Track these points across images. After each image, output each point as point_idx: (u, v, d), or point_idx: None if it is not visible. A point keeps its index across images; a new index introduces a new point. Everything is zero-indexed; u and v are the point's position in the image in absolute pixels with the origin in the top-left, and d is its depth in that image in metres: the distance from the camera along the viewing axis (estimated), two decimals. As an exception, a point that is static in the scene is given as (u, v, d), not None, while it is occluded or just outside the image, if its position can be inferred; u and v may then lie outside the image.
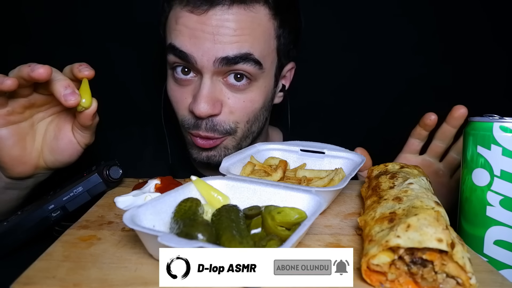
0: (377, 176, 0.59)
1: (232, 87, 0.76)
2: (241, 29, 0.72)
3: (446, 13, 1.15)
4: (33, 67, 0.54)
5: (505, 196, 0.51)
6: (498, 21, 1.15)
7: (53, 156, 0.65)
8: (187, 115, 0.79)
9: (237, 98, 0.77)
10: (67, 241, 0.46)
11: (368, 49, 1.17)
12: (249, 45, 0.73)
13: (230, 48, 0.72)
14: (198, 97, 0.73)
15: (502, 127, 0.51)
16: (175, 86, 0.80)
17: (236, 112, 0.78)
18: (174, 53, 0.75)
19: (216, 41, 0.71)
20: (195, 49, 0.72)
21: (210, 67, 0.73)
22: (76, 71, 0.59)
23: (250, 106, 0.79)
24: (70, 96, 0.56)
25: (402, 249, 0.37)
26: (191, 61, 0.73)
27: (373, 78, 1.18)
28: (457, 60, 1.16)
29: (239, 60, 0.72)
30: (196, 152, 0.83)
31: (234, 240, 0.38)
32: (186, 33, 0.73)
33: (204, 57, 0.72)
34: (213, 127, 0.77)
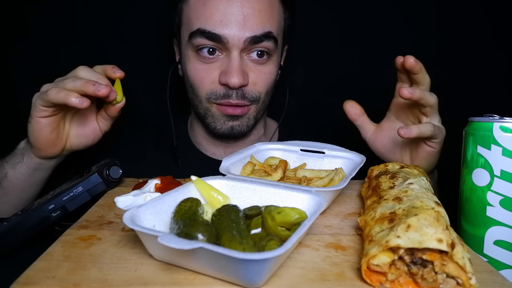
0: (377, 176, 0.59)
1: (255, 61, 0.87)
2: (264, 9, 0.83)
3: (445, 13, 1.15)
4: (98, 87, 0.65)
5: (505, 196, 0.51)
6: (498, 21, 1.15)
7: (78, 140, 0.76)
8: (216, 87, 0.86)
9: (259, 71, 0.87)
10: (67, 241, 0.46)
11: (367, 48, 1.17)
12: (269, 24, 0.84)
13: (256, 28, 0.82)
14: (230, 71, 0.82)
15: (502, 127, 0.51)
16: (199, 65, 0.86)
17: (259, 83, 0.88)
18: (205, 36, 0.82)
19: (246, 22, 0.81)
20: (227, 30, 0.81)
21: (240, 45, 0.82)
22: (111, 72, 0.72)
23: (269, 77, 0.90)
24: (112, 94, 0.68)
25: (402, 250, 0.37)
26: (223, 41, 0.81)
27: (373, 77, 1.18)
28: (457, 60, 1.16)
29: (263, 38, 0.83)
30: (221, 123, 0.90)
31: (234, 240, 0.38)
32: (217, 16, 0.81)
33: (235, 37, 0.81)
34: (242, 95, 0.86)
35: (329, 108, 1.18)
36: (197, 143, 1.01)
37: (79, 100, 0.63)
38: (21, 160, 0.75)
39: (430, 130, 0.67)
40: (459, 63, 1.15)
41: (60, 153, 0.75)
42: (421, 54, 1.16)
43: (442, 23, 1.15)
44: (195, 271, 0.39)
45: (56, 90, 0.64)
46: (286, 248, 0.35)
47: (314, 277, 0.39)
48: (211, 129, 0.92)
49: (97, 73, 0.69)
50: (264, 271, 0.36)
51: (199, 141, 1.00)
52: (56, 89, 0.64)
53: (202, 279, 0.38)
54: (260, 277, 0.36)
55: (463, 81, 1.16)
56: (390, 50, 1.16)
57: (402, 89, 0.67)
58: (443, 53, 1.16)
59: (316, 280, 0.39)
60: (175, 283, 0.38)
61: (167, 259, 0.41)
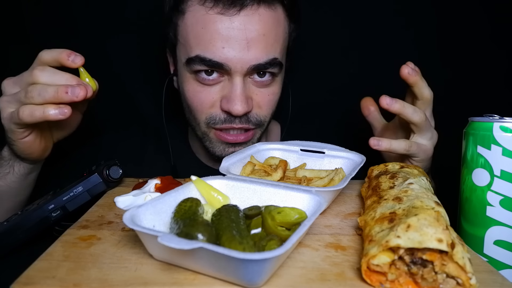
0: (377, 176, 0.59)
1: (258, 83, 0.81)
2: (268, 32, 0.76)
3: (445, 13, 1.15)
4: (74, 91, 0.59)
5: (505, 196, 0.51)
6: (498, 21, 1.15)
7: (62, 132, 0.73)
8: (216, 112, 0.80)
9: (262, 93, 0.82)
10: (67, 241, 0.46)
11: (367, 49, 1.17)
12: (274, 49, 0.78)
13: (261, 56, 0.76)
14: (233, 98, 0.76)
15: (502, 127, 0.51)
16: (198, 87, 0.80)
17: (263, 106, 0.83)
18: (205, 63, 0.75)
19: (250, 48, 0.74)
20: (229, 57, 0.74)
21: (243, 71, 0.76)
22: (70, 63, 0.62)
23: (273, 98, 0.84)
24: (89, 90, 0.61)
25: (402, 249, 0.37)
26: (225, 69, 0.75)
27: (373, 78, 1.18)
28: (457, 60, 1.16)
29: (268, 66, 0.77)
30: (221, 149, 0.85)
31: (234, 240, 0.38)
32: (218, 42, 0.73)
33: (238, 64, 0.75)
34: (247, 120, 0.81)
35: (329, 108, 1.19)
36: (197, 152, 0.99)
37: (59, 111, 0.58)
38: (10, 171, 0.71)
39: (403, 148, 0.66)
40: (459, 63, 1.15)
41: (50, 150, 0.73)
42: (421, 54, 1.16)
43: (442, 23, 1.15)
44: (195, 271, 0.39)
45: (29, 111, 0.58)
46: (286, 248, 0.35)
47: (314, 277, 0.39)
48: (209, 153, 0.87)
49: (60, 73, 0.61)
50: (264, 271, 0.36)
51: (196, 150, 0.98)
52: (27, 108, 0.58)
53: (202, 279, 0.38)
54: (260, 277, 0.36)
55: (463, 81, 1.16)
56: (390, 50, 1.16)
57: (382, 97, 0.66)
58: (443, 53, 1.16)
59: (316, 280, 0.39)
60: (175, 283, 0.38)
61: (167, 259, 0.41)
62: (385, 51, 1.17)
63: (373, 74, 1.18)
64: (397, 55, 1.16)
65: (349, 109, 1.20)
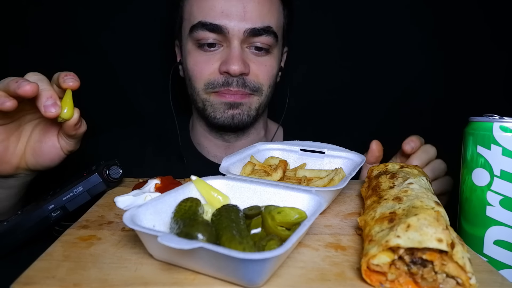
0: (377, 176, 0.59)
1: (255, 54, 0.88)
2: (263, 3, 0.85)
3: (445, 14, 1.15)
4: (20, 84, 0.54)
5: (505, 196, 0.51)
6: (497, 21, 1.15)
7: (34, 159, 0.66)
8: (215, 76, 0.87)
9: (260, 62, 0.89)
10: (67, 241, 0.46)
11: (368, 49, 1.17)
12: (268, 19, 0.86)
13: (256, 21, 0.84)
14: (231, 58, 0.84)
15: (502, 127, 0.51)
16: (200, 56, 0.87)
17: (260, 74, 0.89)
18: (206, 28, 0.84)
19: (246, 14, 0.83)
20: (227, 21, 0.83)
21: (240, 35, 0.84)
22: (61, 81, 0.60)
23: (271, 70, 0.91)
24: (50, 108, 0.57)
25: (402, 249, 0.37)
26: (223, 31, 0.83)
27: (373, 78, 1.18)
28: (457, 60, 1.16)
29: (263, 32, 0.85)
30: (221, 112, 0.89)
31: (234, 240, 0.38)
32: (218, 8, 0.83)
33: (236, 27, 0.83)
34: (243, 84, 0.87)
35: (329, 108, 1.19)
36: (198, 145, 1.01)
37: (9, 103, 0.54)
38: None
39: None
40: (459, 63, 1.16)
41: (14, 172, 0.66)
42: (422, 54, 1.16)
43: (442, 23, 1.15)
44: (195, 271, 0.39)
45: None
46: (286, 248, 0.35)
47: (314, 277, 0.39)
48: (211, 120, 0.91)
49: (43, 81, 0.59)
50: (264, 271, 0.36)
51: (201, 142, 1.00)
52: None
53: (202, 279, 0.38)
54: (260, 277, 0.36)
55: (463, 81, 1.16)
56: (390, 51, 1.17)
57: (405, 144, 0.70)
58: (443, 53, 1.16)
59: (316, 280, 0.39)
60: (175, 283, 0.38)
61: (167, 259, 0.41)
62: (385, 53, 1.17)
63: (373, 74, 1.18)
64: (397, 55, 1.16)
65: (349, 109, 1.20)
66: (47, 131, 0.66)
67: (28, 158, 0.66)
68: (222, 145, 0.98)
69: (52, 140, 0.66)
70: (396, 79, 1.18)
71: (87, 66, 1.11)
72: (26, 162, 0.66)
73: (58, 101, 0.58)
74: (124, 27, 1.11)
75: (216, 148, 0.99)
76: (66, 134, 0.64)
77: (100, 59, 1.11)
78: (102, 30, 1.10)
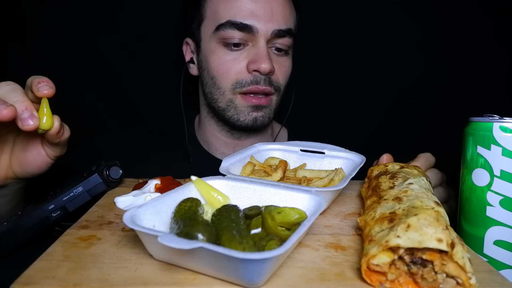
0: (377, 176, 0.59)
1: (276, 54, 0.91)
2: (286, 7, 0.89)
3: (446, 13, 1.15)
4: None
5: (505, 196, 0.51)
6: (498, 20, 1.15)
7: (21, 168, 0.65)
8: (243, 75, 0.88)
9: (280, 63, 0.91)
10: (67, 241, 0.46)
11: (368, 49, 1.17)
12: (290, 22, 0.90)
13: (282, 23, 0.87)
14: (261, 57, 0.86)
15: (502, 127, 0.51)
16: (226, 55, 0.88)
17: (280, 74, 0.91)
18: (235, 26, 0.85)
19: (273, 16, 0.86)
20: (257, 21, 0.85)
21: (267, 35, 0.86)
22: (35, 89, 0.56)
23: (288, 71, 0.94)
24: (27, 121, 0.54)
25: (402, 249, 0.37)
26: (253, 31, 0.85)
27: (373, 79, 1.18)
28: (457, 60, 1.16)
29: (286, 34, 0.89)
30: (245, 114, 0.91)
31: (234, 240, 0.38)
32: (247, 8, 0.85)
33: (264, 28, 0.86)
34: (270, 82, 0.89)
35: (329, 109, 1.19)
36: (206, 143, 1.01)
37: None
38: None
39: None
40: (459, 63, 1.16)
41: (3, 182, 0.65)
42: (422, 54, 1.16)
43: (442, 23, 1.15)
44: (195, 271, 0.39)
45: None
46: (286, 248, 0.35)
47: (314, 277, 0.39)
48: (233, 122, 0.92)
49: (16, 92, 0.56)
50: (264, 271, 0.36)
51: (209, 140, 1.00)
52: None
53: (202, 279, 0.38)
54: (260, 277, 0.36)
55: (463, 81, 1.16)
56: (390, 51, 1.17)
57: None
58: (443, 53, 1.16)
59: (316, 280, 0.39)
60: (175, 283, 0.38)
61: (167, 259, 0.41)
62: (385, 53, 1.17)
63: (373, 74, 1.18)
64: (397, 55, 1.16)
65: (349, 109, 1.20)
66: (30, 139, 0.64)
67: (15, 168, 0.65)
68: (231, 143, 0.99)
69: (36, 148, 0.65)
70: (396, 79, 1.18)
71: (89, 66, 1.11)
72: (13, 172, 0.65)
73: (34, 112, 0.55)
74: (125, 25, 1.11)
75: (225, 146, 0.99)
76: (50, 142, 0.62)
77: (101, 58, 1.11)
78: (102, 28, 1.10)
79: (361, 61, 1.17)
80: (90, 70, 1.11)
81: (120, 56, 1.12)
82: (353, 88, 1.18)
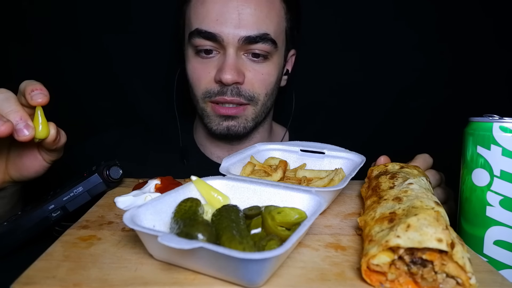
0: (377, 176, 0.59)
1: (252, 61, 0.86)
2: (260, 10, 0.83)
3: (446, 13, 1.15)
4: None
5: (505, 196, 0.51)
6: (498, 20, 1.15)
7: (18, 173, 0.65)
8: (211, 85, 0.86)
9: (256, 71, 0.86)
10: (67, 241, 0.46)
11: (368, 49, 1.17)
12: (266, 26, 0.84)
13: (251, 29, 0.82)
14: (224, 67, 0.82)
15: (502, 127, 0.51)
16: (197, 64, 0.87)
17: (256, 83, 0.87)
18: (201, 35, 0.83)
19: (241, 22, 0.81)
20: (222, 29, 0.81)
21: (235, 43, 0.82)
22: (28, 98, 0.55)
23: (268, 78, 0.88)
24: (23, 131, 0.53)
25: (402, 249, 0.37)
26: (218, 40, 0.82)
27: (374, 79, 1.18)
28: (457, 60, 1.16)
29: (259, 39, 0.83)
30: (216, 124, 0.88)
31: (234, 240, 0.38)
32: (212, 15, 0.82)
33: (230, 35, 0.82)
34: (238, 92, 0.85)
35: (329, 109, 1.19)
36: (201, 146, 1.00)
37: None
38: None
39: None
40: (460, 63, 1.15)
41: (1, 186, 0.65)
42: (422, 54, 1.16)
43: (442, 23, 1.15)
44: (195, 271, 0.39)
45: None
46: (286, 248, 0.35)
47: (314, 277, 0.39)
48: (208, 130, 0.91)
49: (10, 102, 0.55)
50: (264, 271, 0.36)
51: (204, 144, 1.00)
52: None
53: (202, 279, 0.38)
54: (260, 277, 0.36)
55: (463, 81, 1.16)
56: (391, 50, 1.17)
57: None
58: (443, 53, 1.16)
59: (316, 280, 0.39)
60: (175, 283, 0.38)
61: (167, 259, 0.41)
62: (386, 52, 1.17)
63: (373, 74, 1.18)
64: (397, 57, 1.16)
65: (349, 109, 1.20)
66: (25, 145, 0.63)
67: (11, 173, 0.64)
68: (225, 147, 0.98)
69: (32, 153, 0.64)
70: (396, 80, 1.18)
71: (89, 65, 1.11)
72: (10, 176, 0.65)
73: (29, 122, 0.54)
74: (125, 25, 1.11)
75: (219, 150, 0.98)
76: (47, 148, 0.62)
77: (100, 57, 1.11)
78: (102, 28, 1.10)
79: (361, 61, 1.17)
80: (91, 71, 1.11)
81: (120, 56, 1.12)
82: (353, 88, 1.18)
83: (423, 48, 1.16)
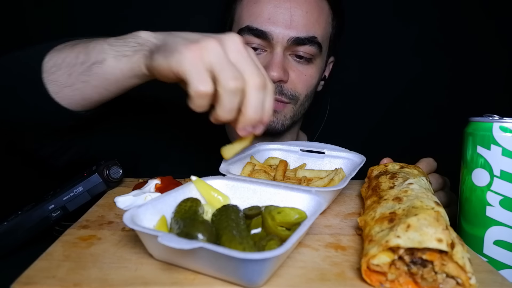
0: (377, 176, 0.59)
1: (296, 61, 0.89)
2: (311, 12, 0.86)
3: (446, 12, 1.15)
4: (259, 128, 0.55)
5: (505, 196, 0.51)
6: (498, 20, 1.15)
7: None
8: None
9: (300, 72, 0.89)
10: (67, 241, 0.46)
11: (368, 50, 1.17)
12: (315, 29, 0.87)
13: (301, 30, 0.85)
14: (272, 64, 0.84)
15: (502, 127, 0.51)
16: None
17: (298, 84, 0.89)
18: (252, 33, 0.85)
19: (292, 22, 0.84)
20: (273, 28, 0.84)
21: (283, 43, 0.85)
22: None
23: (310, 80, 0.91)
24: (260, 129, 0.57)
25: (402, 249, 0.37)
26: (268, 38, 0.84)
27: (373, 78, 1.18)
28: (457, 60, 1.16)
29: (306, 41, 0.86)
30: None
31: (234, 240, 0.38)
32: (265, 14, 0.84)
33: (280, 34, 0.84)
34: (281, 91, 0.87)
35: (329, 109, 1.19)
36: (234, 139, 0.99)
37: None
38: (130, 56, 0.58)
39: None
40: (460, 63, 1.16)
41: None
42: (422, 54, 1.16)
43: (442, 23, 1.15)
44: (195, 271, 0.39)
45: (229, 110, 0.51)
46: (286, 248, 0.35)
47: (314, 277, 0.39)
48: None
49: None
50: (264, 271, 0.36)
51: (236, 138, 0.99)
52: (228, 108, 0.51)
53: (202, 279, 0.38)
54: (260, 277, 0.36)
55: (463, 81, 1.16)
56: (391, 50, 1.17)
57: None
58: (444, 53, 1.16)
59: (316, 280, 0.39)
60: (175, 283, 0.38)
61: (167, 259, 0.41)
62: (386, 52, 1.17)
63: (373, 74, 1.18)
64: (397, 57, 1.16)
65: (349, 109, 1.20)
66: None
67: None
68: None
69: None
70: (396, 80, 1.18)
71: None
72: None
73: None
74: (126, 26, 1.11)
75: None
76: None
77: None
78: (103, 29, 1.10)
79: (361, 61, 1.17)
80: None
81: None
82: (353, 88, 1.18)
83: (423, 48, 1.16)
